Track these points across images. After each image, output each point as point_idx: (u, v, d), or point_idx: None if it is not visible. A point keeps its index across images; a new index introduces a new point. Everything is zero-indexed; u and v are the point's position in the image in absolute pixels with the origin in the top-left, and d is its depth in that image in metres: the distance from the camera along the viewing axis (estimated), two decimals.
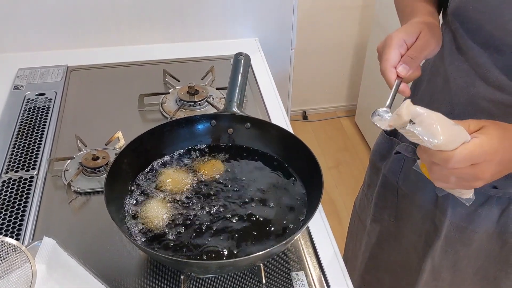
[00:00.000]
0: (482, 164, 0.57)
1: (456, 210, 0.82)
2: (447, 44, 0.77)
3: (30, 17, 1.29)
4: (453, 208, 0.82)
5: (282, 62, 1.53)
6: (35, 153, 0.98)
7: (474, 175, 0.58)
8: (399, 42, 0.68)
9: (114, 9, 1.31)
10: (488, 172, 0.59)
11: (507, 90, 0.69)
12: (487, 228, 0.81)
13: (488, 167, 0.58)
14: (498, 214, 0.79)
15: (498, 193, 0.77)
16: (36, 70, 1.25)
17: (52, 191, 0.91)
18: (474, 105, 0.74)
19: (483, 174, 0.58)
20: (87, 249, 0.79)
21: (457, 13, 0.73)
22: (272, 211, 0.78)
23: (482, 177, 0.59)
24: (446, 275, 0.91)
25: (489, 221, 0.80)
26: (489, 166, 0.58)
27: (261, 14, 1.41)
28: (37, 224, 0.84)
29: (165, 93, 1.15)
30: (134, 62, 1.31)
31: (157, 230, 0.75)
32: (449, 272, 0.90)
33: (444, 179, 0.60)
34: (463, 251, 0.86)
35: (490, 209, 0.79)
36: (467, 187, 0.64)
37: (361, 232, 1.10)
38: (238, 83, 0.92)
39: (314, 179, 0.77)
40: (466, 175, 0.58)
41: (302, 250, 0.80)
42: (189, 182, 0.83)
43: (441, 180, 0.61)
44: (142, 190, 0.81)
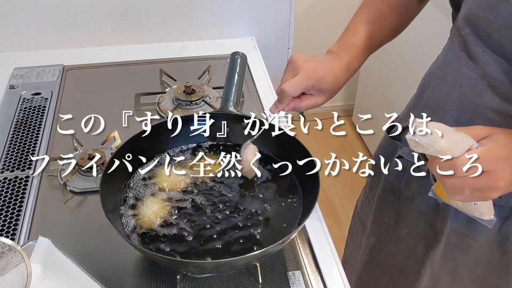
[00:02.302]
0: (495, 171, 0.55)
1: (457, 216, 0.81)
2: (455, 50, 0.75)
3: (26, 17, 1.28)
4: (454, 214, 0.81)
5: (279, 62, 1.53)
6: (30, 152, 0.97)
7: (489, 184, 0.56)
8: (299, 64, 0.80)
9: (110, 9, 1.31)
10: (503, 180, 0.56)
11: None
12: (488, 237, 0.80)
13: (502, 173, 0.56)
14: (499, 223, 0.78)
15: (500, 202, 0.75)
16: (32, 69, 1.24)
17: (48, 191, 0.90)
18: (480, 115, 0.71)
19: (498, 182, 0.56)
20: (82, 248, 0.79)
21: (469, 19, 0.70)
22: (268, 210, 0.78)
23: (498, 186, 0.56)
24: (445, 281, 0.90)
25: (490, 229, 0.78)
26: (503, 173, 0.56)
27: (258, 13, 1.40)
28: (32, 224, 0.84)
29: (162, 92, 1.14)
30: (130, 62, 1.31)
31: (153, 229, 0.74)
32: (448, 279, 0.89)
33: (458, 191, 0.58)
34: (462, 258, 0.85)
35: None
36: (483, 198, 0.61)
37: (361, 234, 1.09)
38: (235, 82, 0.92)
39: (311, 178, 0.77)
40: (480, 184, 0.56)
41: (298, 250, 0.80)
42: (186, 181, 0.83)
43: (456, 192, 0.58)
44: (138, 189, 0.81)
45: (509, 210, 0.77)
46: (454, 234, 0.83)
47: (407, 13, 0.88)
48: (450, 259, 0.86)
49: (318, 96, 0.81)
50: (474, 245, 0.82)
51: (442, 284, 0.91)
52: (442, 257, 0.87)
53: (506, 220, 0.78)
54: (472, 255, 0.84)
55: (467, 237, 0.82)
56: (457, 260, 0.86)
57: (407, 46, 1.84)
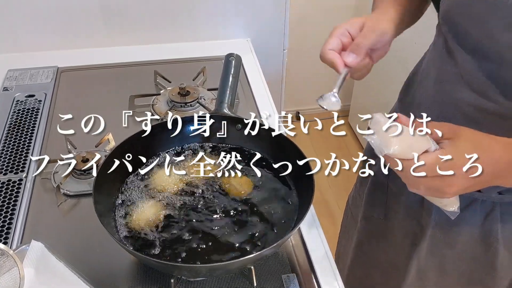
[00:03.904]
0: (450, 177, 0.56)
1: (441, 211, 0.81)
2: (439, 46, 0.76)
3: (20, 18, 1.27)
4: (438, 209, 0.82)
5: (275, 63, 1.53)
6: (24, 155, 0.97)
7: (439, 187, 0.57)
8: (341, 31, 0.71)
9: (105, 10, 1.30)
10: (454, 187, 0.57)
11: (491, 97, 0.68)
12: (471, 232, 0.81)
13: (455, 181, 0.56)
14: (482, 218, 0.79)
15: (482, 197, 0.76)
16: (26, 71, 1.24)
17: (41, 194, 0.90)
18: (460, 111, 0.73)
19: (449, 188, 0.57)
20: (76, 252, 0.78)
21: (446, 17, 0.72)
22: (263, 213, 0.77)
23: (448, 191, 0.57)
24: (432, 276, 0.91)
25: (473, 224, 0.80)
26: (457, 180, 0.56)
27: (253, 14, 1.40)
28: (25, 227, 0.83)
29: (156, 94, 1.14)
30: (125, 63, 1.30)
31: (148, 233, 0.74)
32: (435, 274, 0.90)
33: (414, 185, 0.59)
34: (448, 253, 0.86)
35: (474, 212, 0.79)
36: (438, 196, 0.62)
37: (352, 228, 1.10)
38: (229, 84, 0.91)
39: (306, 180, 0.77)
40: (432, 185, 0.57)
41: (293, 252, 0.80)
42: (180, 183, 0.82)
43: (412, 186, 0.60)
44: (132, 192, 0.80)
45: (491, 205, 0.77)
46: (439, 228, 0.84)
47: None
48: (436, 253, 0.87)
49: (374, 29, 0.73)
50: (459, 240, 0.83)
51: (429, 279, 0.91)
52: (428, 252, 0.88)
53: (488, 215, 0.78)
54: (457, 250, 0.84)
55: (451, 232, 0.82)
56: (443, 255, 0.87)
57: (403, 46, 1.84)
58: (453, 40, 0.72)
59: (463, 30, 0.69)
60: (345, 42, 0.71)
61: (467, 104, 0.71)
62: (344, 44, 0.71)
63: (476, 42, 0.67)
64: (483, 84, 0.68)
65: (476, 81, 0.69)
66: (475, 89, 0.70)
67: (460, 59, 0.71)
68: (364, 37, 0.69)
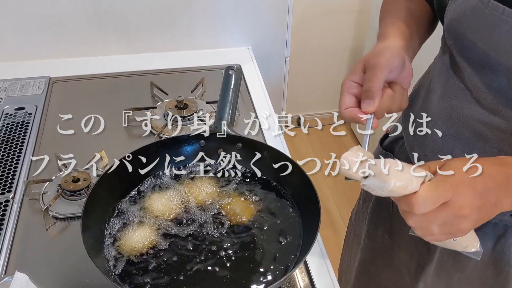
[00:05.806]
0: (453, 199, 0.52)
1: None
2: (445, 61, 0.74)
3: (10, 26, 1.22)
4: None
5: (277, 71, 1.48)
6: (11, 174, 0.91)
7: (453, 214, 0.53)
8: (347, 85, 0.68)
9: (99, 16, 1.25)
10: (466, 206, 0.52)
11: (502, 114, 0.65)
12: (482, 255, 0.77)
13: (462, 199, 0.52)
14: (493, 241, 0.77)
15: (494, 219, 0.73)
16: (17, 81, 1.18)
17: (29, 216, 0.85)
18: (468, 127, 0.70)
19: (462, 210, 0.52)
20: (64, 283, 0.73)
21: (451, 29, 0.68)
22: (264, 241, 0.72)
23: (463, 213, 0.53)
24: None
25: (484, 247, 0.76)
26: (463, 198, 0.52)
27: (254, 22, 1.35)
28: (11, 253, 0.78)
29: (153, 107, 1.09)
30: (120, 73, 1.25)
31: (140, 260, 0.69)
32: None
33: (427, 231, 0.55)
34: (456, 276, 0.83)
35: (485, 235, 0.76)
36: (455, 232, 0.57)
37: (356, 246, 1.08)
38: (229, 99, 0.86)
39: (310, 204, 0.72)
40: (444, 217, 0.53)
41: (294, 273, 0.76)
42: (176, 207, 0.77)
43: (426, 233, 0.56)
44: (124, 216, 0.75)
45: (503, 228, 0.75)
46: (447, 251, 0.81)
47: None
48: (444, 276, 0.85)
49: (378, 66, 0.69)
50: (468, 263, 0.80)
51: None
52: (435, 274, 0.86)
53: (500, 238, 0.76)
54: (466, 273, 0.82)
55: (460, 255, 0.79)
56: (451, 278, 0.84)
57: None
58: (458, 53, 0.69)
59: (468, 43, 0.66)
60: (356, 93, 0.67)
61: (476, 120, 0.69)
62: (356, 95, 0.67)
63: (483, 55, 0.64)
64: (493, 100, 0.65)
65: (485, 96, 0.66)
66: (484, 106, 0.67)
67: (467, 74, 0.68)
68: (369, 80, 0.65)
